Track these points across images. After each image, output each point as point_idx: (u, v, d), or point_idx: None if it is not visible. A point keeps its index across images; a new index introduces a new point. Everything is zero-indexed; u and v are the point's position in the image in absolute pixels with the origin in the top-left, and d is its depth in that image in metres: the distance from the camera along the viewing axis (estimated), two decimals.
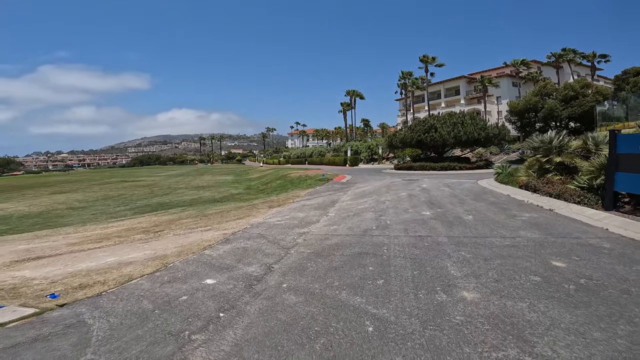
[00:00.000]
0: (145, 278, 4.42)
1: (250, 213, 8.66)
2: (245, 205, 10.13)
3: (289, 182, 20.12)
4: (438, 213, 7.94)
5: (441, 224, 6.80)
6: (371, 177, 19.63)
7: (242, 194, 20.54)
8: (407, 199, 10.11)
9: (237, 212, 8.94)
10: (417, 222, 7.02)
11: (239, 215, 8.50)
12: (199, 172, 54.81)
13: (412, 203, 9.39)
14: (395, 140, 31.40)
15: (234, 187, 25.57)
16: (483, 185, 13.61)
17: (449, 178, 17.40)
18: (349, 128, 77.01)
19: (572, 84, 33.63)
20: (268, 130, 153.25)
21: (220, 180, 35.16)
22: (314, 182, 15.34)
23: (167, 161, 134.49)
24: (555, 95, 34.94)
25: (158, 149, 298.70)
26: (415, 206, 8.91)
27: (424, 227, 6.59)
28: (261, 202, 10.53)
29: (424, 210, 8.26)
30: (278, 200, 10.42)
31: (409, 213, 8.00)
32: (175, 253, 5.39)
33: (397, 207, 8.85)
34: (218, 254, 5.25)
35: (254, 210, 9.09)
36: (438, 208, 8.54)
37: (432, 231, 6.30)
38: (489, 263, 4.60)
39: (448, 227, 6.53)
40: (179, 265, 4.85)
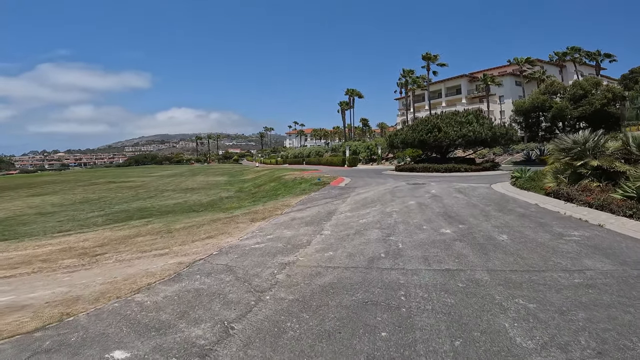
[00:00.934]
0: (12, 342, 2.76)
1: (226, 229, 6.97)
2: (224, 217, 8.44)
3: (282, 185, 18.45)
4: (461, 231, 6.27)
5: (471, 249, 5.13)
6: (372, 179, 17.97)
7: (232, 198, 18.84)
8: (418, 210, 8.44)
9: (211, 227, 7.26)
10: (439, 246, 5.36)
11: (211, 232, 6.82)
12: (193, 172, 53.04)
13: (425, 216, 7.72)
14: (396, 140, 29.72)
15: (225, 190, 23.86)
16: (500, 190, 11.97)
17: (457, 182, 15.76)
18: (348, 128, 75.36)
19: (581, 82, 32.08)
20: (266, 130, 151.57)
21: (212, 181, 33.42)
22: (309, 187, 13.67)
23: (163, 161, 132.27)
24: (563, 94, 33.37)
25: (156, 148, 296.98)
26: (430, 220, 7.24)
27: (450, 254, 4.92)
28: (244, 213, 8.83)
29: (442, 227, 6.59)
30: (264, 211, 8.73)
31: (424, 231, 6.33)
32: (95, 295, 3.73)
33: (408, 221, 7.18)
34: (154, 302, 3.57)
35: (231, 225, 7.41)
36: (459, 223, 6.87)
37: (463, 260, 4.64)
38: (570, 319, 2.99)
39: (482, 254, 4.87)
40: (83, 320, 3.19)
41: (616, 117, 29.95)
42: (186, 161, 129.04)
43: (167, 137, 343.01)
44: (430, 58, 46.12)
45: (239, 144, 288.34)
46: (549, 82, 34.70)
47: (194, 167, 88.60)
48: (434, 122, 27.15)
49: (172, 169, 69.09)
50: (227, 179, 36.35)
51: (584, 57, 50.53)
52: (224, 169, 59.58)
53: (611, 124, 30.81)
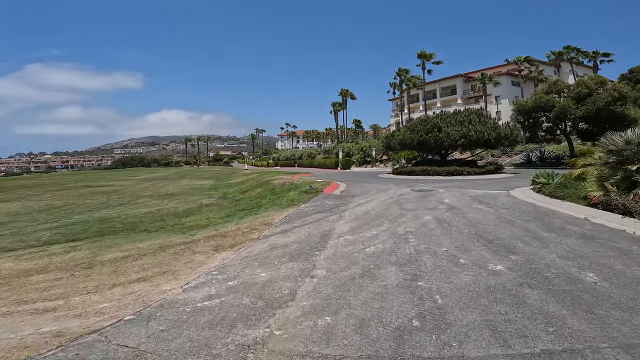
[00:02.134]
0: None
1: (173, 265, 4.84)
2: (179, 243, 6.26)
3: (269, 191, 16.33)
4: (519, 266, 4.26)
5: (559, 302, 3.12)
6: (370, 185, 15.94)
7: (213, 206, 16.65)
8: (440, 230, 6.42)
9: (153, 260, 5.14)
10: (502, 298, 3.33)
11: (149, 269, 4.70)
12: (180, 175, 50.49)
13: (454, 239, 5.70)
14: (394, 142, 27.80)
15: (207, 196, 21.63)
16: (526, 199, 10.05)
17: (467, 187, 13.83)
18: (341, 129, 73.44)
19: (585, 80, 30.53)
20: (257, 132, 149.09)
21: (197, 185, 31.10)
22: (299, 195, 11.54)
23: (152, 163, 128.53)
24: (567, 93, 31.73)
25: (145, 150, 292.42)
26: (464, 247, 5.21)
27: (531, 316, 2.90)
28: (209, 236, 6.63)
29: (488, 260, 4.57)
30: (236, 233, 6.58)
31: (465, 268, 4.30)
32: None
33: (434, 250, 5.14)
34: None
35: (183, 256, 5.28)
36: (509, 252, 4.86)
37: (561, 329, 2.62)
38: None
39: (585, 313, 2.86)
40: None
41: (622, 117, 28.41)
42: (175, 163, 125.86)
43: (158, 139, 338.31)
44: (426, 56, 44.35)
45: (230, 145, 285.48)
46: (553, 81, 33.11)
47: (182, 169, 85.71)
48: (434, 122, 25.32)
49: (159, 172, 66.26)
50: (213, 182, 34.04)
51: (581, 57, 49.31)
52: (213, 172, 57.11)
53: (616, 125, 29.35)
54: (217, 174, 49.65)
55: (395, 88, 58.99)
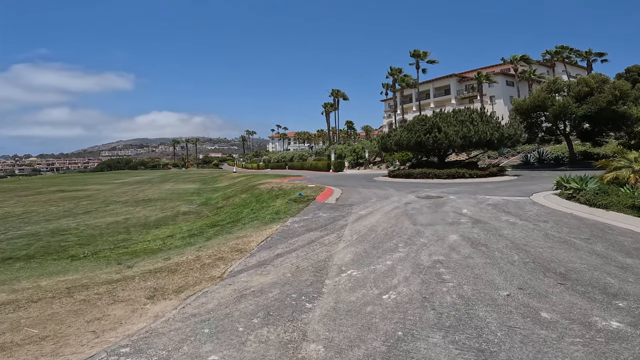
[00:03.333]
0: None
1: (65, 328, 2.93)
2: (102, 281, 4.29)
3: (254, 198, 14.46)
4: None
5: None
6: (368, 190, 14.19)
7: (191, 214, 14.73)
8: (481, 258, 4.68)
9: (42, 312, 3.18)
10: None
11: (19, 333, 2.82)
12: (164, 178, 48.16)
13: (509, 275, 3.96)
14: (390, 142, 26.15)
15: (188, 202, 19.65)
16: (558, 208, 8.41)
17: (478, 193, 12.19)
18: (332, 131, 71.82)
19: (586, 78, 29.30)
20: (248, 134, 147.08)
21: (180, 189, 29.02)
22: (286, 206, 9.59)
23: (138, 165, 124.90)
24: (567, 91, 30.44)
25: (134, 152, 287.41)
26: (534, 289, 3.46)
27: None
28: (153, 270, 4.60)
29: (588, 313, 2.83)
30: (190, 268, 4.60)
31: (559, 331, 2.54)
32: None
33: (489, 294, 3.38)
34: None
35: (92, 310, 3.36)
36: (606, 294, 3.13)
37: None
38: None
39: None
40: None
41: (625, 116, 27.17)
42: (163, 166, 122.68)
43: (147, 141, 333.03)
44: (420, 55, 42.87)
45: (221, 148, 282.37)
46: (552, 79, 31.89)
47: (169, 172, 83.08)
48: (433, 122, 23.73)
49: (144, 175, 63.67)
50: (197, 186, 31.99)
51: (575, 56, 48.48)
52: (200, 175, 54.87)
53: (619, 124, 28.14)
54: (204, 177, 47.50)
55: (387, 88, 57.57)
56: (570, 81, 31.57)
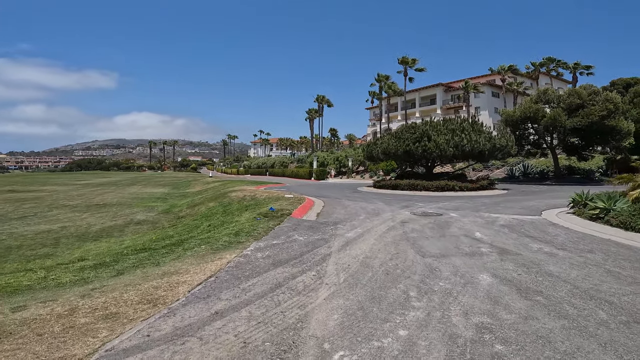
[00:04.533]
0: None
1: None
2: None
3: (222, 208, 12.35)
4: None
5: None
6: (354, 202, 12.33)
7: (145, 224, 12.48)
8: (553, 320, 2.85)
9: None
10: None
11: None
12: (134, 181, 45.00)
13: (625, 353, 2.09)
14: (376, 150, 24.43)
15: (148, 208, 17.29)
16: (586, 230, 6.83)
17: (480, 209, 10.53)
18: (316, 138, 70.14)
19: (577, 90, 28.55)
20: (229, 138, 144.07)
21: (146, 193, 26.43)
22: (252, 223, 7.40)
23: (111, 166, 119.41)
24: (558, 103, 29.60)
25: (109, 153, 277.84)
26: None
27: None
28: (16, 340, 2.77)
29: None
30: (50, 328, 2.61)
31: None
32: None
33: None
34: None
35: None
36: None
37: None
38: None
39: None
40: None
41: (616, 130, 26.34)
42: (137, 168, 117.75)
43: (124, 142, 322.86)
44: (408, 62, 41.82)
45: (201, 151, 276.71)
46: (542, 90, 31.13)
47: (143, 174, 79.10)
48: (423, 129, 22.21)
49: (113, 177, 59.91)
50: (167, 191, 29.42)
51: (562, 68, 48.56)
52: (174, 178, 51.85)
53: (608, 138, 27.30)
54: (177, 180, 44.69)
55: (373, 96, 56.46)
56: (561, 92, 30.90)
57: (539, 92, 30.88)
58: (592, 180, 28.20)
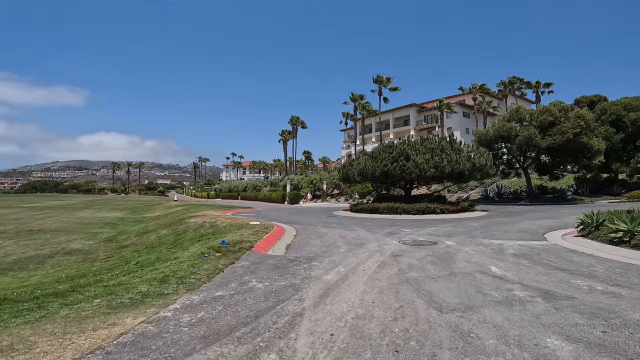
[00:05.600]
0: None
1: None
2: None
3: (174, 237, 10.28)
4: None
5: None
6: (331, 229, 10.64)
7: (76, 254, 10.14)
8: None
9: None
10: None
11: None
12: (88, 204, 41.21)
13: None
14: (352, 172, 22.93)
15: (91, 235, 14.79)
16: (615, 257, 5.53)
17: (474, 236, 9.10)
18: (289, 161, 68.59)
19: (549, 107, 28.40)
20: (200, 160, 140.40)
21: (96, 218, 23.54)
22: (198, 261, 5.36)
23: (69, 189, 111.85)
24: (530, 120, 29.39)
25: (71, 174, 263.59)
26: None
27: None
28: None
29: None
30: None
31: None
32: None
33: None
34: None
35: None
36: None
37: None
38: None
39: None
40: None
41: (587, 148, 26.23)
42: (99, 190, 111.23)
43: (88, 164, 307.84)
44: (382, 81, 41.58)
45: (171, 174, 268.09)
46: (515, 107, 31.20)
47: (103, 197, 74.05)
48: (401, 149, 21.08)
49: (68, 199, 55.18)
50: (123, 215, 26.58)
51: (525, 87, 49.99)
52: (136, 202, 48.25)
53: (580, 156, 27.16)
54: (139, 204, 41.40)
55: (347, 118, 55.95)
56: (533, 110, 31.04)
57: (511, 110, 30.84)
58: (565, 199, 27.95)
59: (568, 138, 25.47)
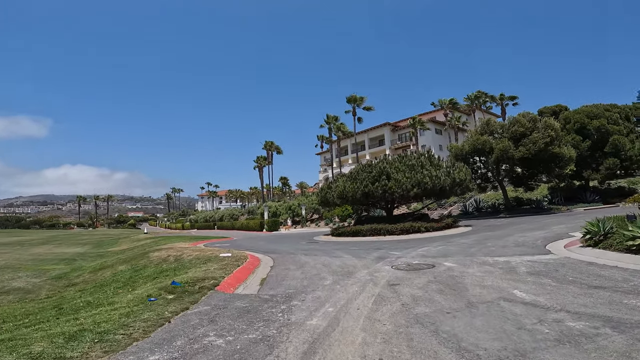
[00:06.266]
0: None
1: None
2: None
3: (131, 273, 8.80)
4: None
5: None
6: (313, 258, 9.46)
7: (14, 293, 8.45)
8: None
9: None
10: None
11: None
12: (48, 240, 37.98)
13: None
14: (331, 195, 21.81)
15: (41, 272, 12.91)
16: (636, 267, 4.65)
17: (472, 254, 8.20)
18: (266, 188, 67.01)
19: (518, 118, 28.61)
20: (174, 191, 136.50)
21: (52, 254, 21.26)
22: (131, 314, 4.24)
23: (32, 224, 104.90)
24: (502, 132, 29.55)
25: (35, 210, 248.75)
26: None
27: None
28: None
29: None
30: None
31: None
32: None
33: None
34: None
35: None
36: None
37: None
38: None
39: None
40: None
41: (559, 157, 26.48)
42: (64, 225, 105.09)
43: (53, 198, 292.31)
44: (356, 100, 41.59)
45: (144, 207, 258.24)
46: (485, 120, 31.48)
47: (67, 232, 69.42)
48: (381, 167, 20.27)
49: (28, 235, 51.07)
50: (84, 250, 24.34)
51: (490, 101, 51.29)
52: (103, 236, 45.14)
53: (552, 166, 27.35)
54: (105, 238, 38.59)
55: (323, 141, 55.60)
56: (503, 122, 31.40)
57: (482, 123, 31.08)
58: (542, 209, 27.97)
59: (540, 148, 25.65)
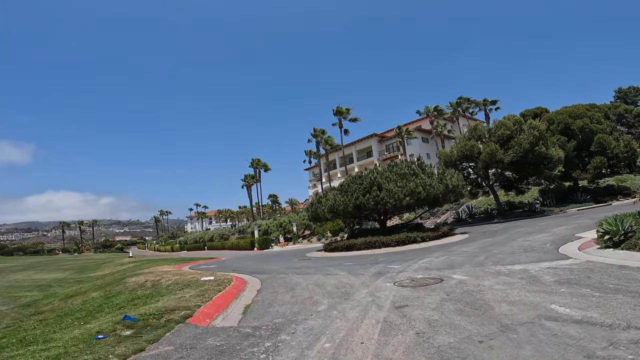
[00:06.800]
0: None
1: None
2: None
3: (101, 300, 7.84)
4: None
5: None
6: (304, 277, 8.60)
7: None
8: None
9: None
10: None
11: None
12: (29, 266, 36.13)
13: None
14: (322, 210, 20.89)
15: (11, 299, 11.83)
16: None
17: (481, 264, 7.48)
18: (256, 206, 65.68)
19: (503, 121, 28.38)
20: (161, 214, 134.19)
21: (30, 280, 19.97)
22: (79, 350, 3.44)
23: (15, 251, 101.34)
24: (489, 136, 29.24)
25: (19, 237, 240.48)
26: None
27: None
28: None
29: None
30: None
31: None
32: None
33: None
34: None
35: None
36: None
37: None
38: None
39: None
40: None
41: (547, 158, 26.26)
42: (48, 251, 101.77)
43: (38, 225, 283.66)
44: (343, 113, 41.28)
45: (132, 230, 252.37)
46: (472, 125, 31.35)
47: (52, 258, 66.77)
48: (372, 178, 19.53)
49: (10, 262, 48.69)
50: (65, 276, 23.19)
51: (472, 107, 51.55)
52: (88, 261, 43.26)
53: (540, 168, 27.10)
54: (89, 263, 37.08)
55: (310, 155, 54.97)
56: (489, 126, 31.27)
57: (470, 128, 30.90)
58: (535, 212, 27.70)
59: (526, 148, 25.41)
